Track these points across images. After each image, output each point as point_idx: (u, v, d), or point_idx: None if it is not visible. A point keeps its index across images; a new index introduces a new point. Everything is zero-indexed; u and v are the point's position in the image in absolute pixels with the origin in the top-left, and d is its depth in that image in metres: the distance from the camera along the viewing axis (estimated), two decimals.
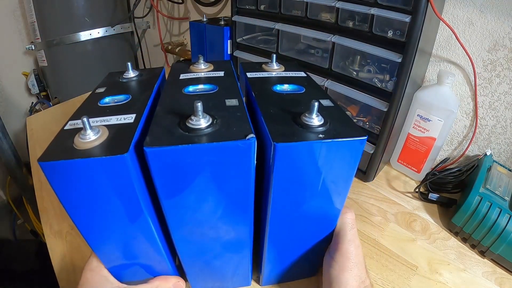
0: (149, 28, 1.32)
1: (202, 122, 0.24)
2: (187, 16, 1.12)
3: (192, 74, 0.36)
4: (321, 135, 0.24)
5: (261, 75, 0.37)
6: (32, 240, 1.18)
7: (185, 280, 0.36)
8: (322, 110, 0.27)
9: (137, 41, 1.30)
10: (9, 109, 1.31)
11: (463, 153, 0.60)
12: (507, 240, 0.42)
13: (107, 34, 1.13)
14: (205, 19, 0.84)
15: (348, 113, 0.59)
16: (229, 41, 0.75)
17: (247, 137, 0.22)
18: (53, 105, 1.10)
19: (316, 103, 0.25)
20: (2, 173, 1.29)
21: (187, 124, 0.24)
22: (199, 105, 0.23)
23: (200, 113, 0.24)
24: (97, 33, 1.10)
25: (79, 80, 1.15)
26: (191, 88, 0.32)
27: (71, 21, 1.05)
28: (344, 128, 0.25)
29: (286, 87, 0.34)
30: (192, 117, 0.24)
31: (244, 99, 0.30)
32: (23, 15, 1.22)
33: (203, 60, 0.37)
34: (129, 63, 0.36)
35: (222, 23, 0.78)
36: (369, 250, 0.46)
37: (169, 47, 1.11)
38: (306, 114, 0.26)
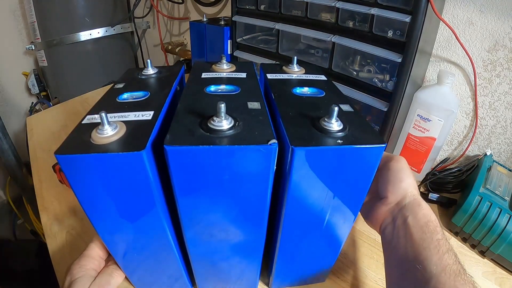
0: (149, 28, 1.32)
1: (224, 123, 0.23)
2: (187, 16, 1.12)
3: (214, 73, 0.36)
4: (339, 141, 0.24)
5: (281, 77, 0.36)
6: (32, 240, 1.18)
7: (193, 279, 0.36)
8: (341, 115, 0.27)
9: (137, 41, 1.29)
10: (9, 109, 1.31)
11: (463, 153, 0.60)
12: (507, 240, 0.42)
13: (107, 34, 1.13)
14: (205, 19, 0.84)
15: None
16: (229, 41, 0.75)
17: (269, 143, 0.22)
18: (53, 105, 1.10)
19: (336, 108, 0.24)
20: (2, 173, 1.29)
21: (208, 124, 0.24)
22: (223, 106, 0.23)
23: (223, 114, 0.23)
24: (97, 33, 1.10)
25: (79, 80, 1.15)
26: (213, 88, 0.32)
27: (71, 21, 1.05)
28: (363, 134, 0.25)
29: (306, 90, 0.33)
30: (214, 118, 0.24)
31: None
32: (23, 15, 1.22)
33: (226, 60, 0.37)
34: (149, 60, 0.36)
35: (222, 23, 0.78)
36: (369, 250, 0.46)
37: (169, 47, 1.11)
38: (326, 119, 0.25)
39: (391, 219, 0.33)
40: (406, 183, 0.33)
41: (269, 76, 0.36)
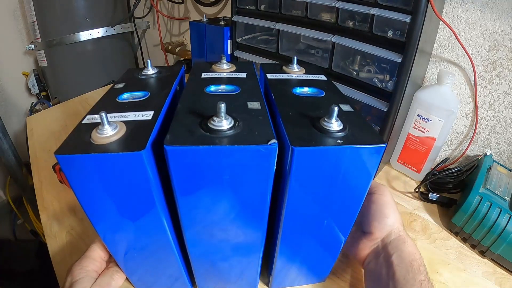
0: (149, 28, 1.32)
1: (224, 123, 0.23)
2: (187, 16, 1.12)
3: (214, 73, 0.36)
4: (339, 141, 0.24)
5: (281, 77, 0.36)
6: (32, 240, 1.18)
7: (193, 279, 0.36)
8: (341, 115, 0.27)
9: (137, 41, 1.29)
10: (9, 109, 1.31)
11: (463, 153, 0.60)
12: (507, 240, 0.42)
13: (107, 34, 1.13)
14: (205, 19, 0.84)
15: None
16: (229, 41, 0.75)
17: (269, 143, 0.22)
18: (53, 105, 1.10)
19: (336, 108, 0.24)
20: (2, 173, 1.29)
21: (208, 124, 0.24)
22: (223, 106, 0.23)
23: (223, 114, 0.23)
24: (97, 33, 1.10)
25: (79, 80, 1.15)
26: (213, 88, 0.32)
27: (71, 21, 1.05)
28: (363, 134, 0.25)
29: (306, 90, 0.33)
30: (214, 118, 0.24)
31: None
32: (23, 15, 1.22)
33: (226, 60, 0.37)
34: (149, 60, 0.36)
35: (222, 23, 0.78)
36: None
37: (169, 47, 1.11)
38: (326, 119, 0.25)
39: (375, 255, 0.32)
40: (391, 219, 0.33)
41: (269, 76, 0.36)
